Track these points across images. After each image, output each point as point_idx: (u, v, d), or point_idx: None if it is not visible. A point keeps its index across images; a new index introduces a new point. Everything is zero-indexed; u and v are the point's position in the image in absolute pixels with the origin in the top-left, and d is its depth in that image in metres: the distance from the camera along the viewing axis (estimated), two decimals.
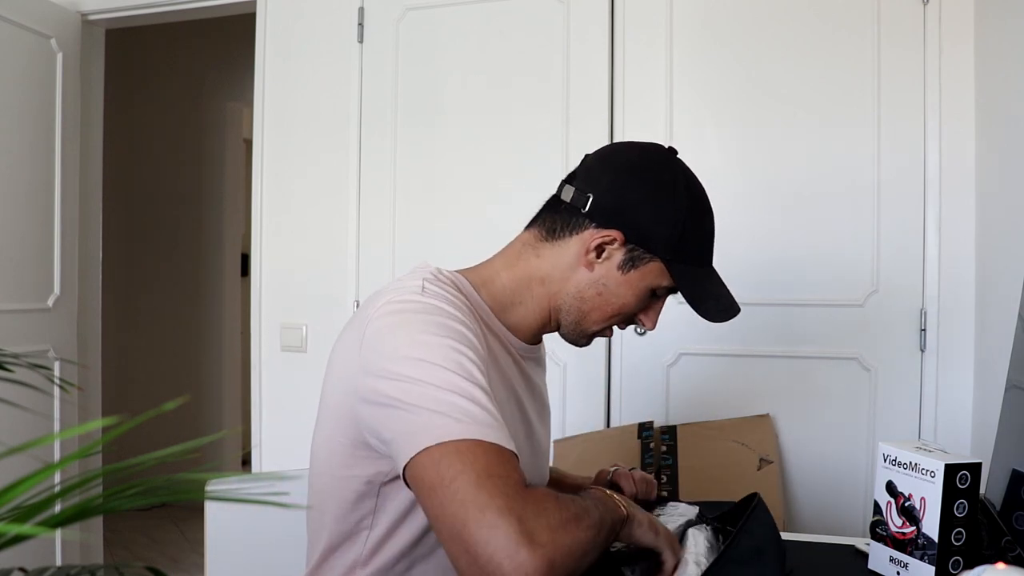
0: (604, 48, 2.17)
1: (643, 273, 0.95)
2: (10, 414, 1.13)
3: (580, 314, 0.97)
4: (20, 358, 0.67)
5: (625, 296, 0.96)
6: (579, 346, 1.02)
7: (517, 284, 0.98)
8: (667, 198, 0.93)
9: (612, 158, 0.98)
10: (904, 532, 0.97)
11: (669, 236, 0.93)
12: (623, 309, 0.97)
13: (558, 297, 0.97)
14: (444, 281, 0.92)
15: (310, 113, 2.42)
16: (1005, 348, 1.22)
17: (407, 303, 0.85)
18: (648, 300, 0.98)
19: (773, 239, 2.05)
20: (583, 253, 0.95)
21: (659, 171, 0.95)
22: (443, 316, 0.84)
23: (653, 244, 0.93)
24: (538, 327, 1.00)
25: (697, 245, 0.96)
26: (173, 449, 0.38)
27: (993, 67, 1.84)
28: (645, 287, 0.95)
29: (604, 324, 0.98)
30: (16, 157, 2.39)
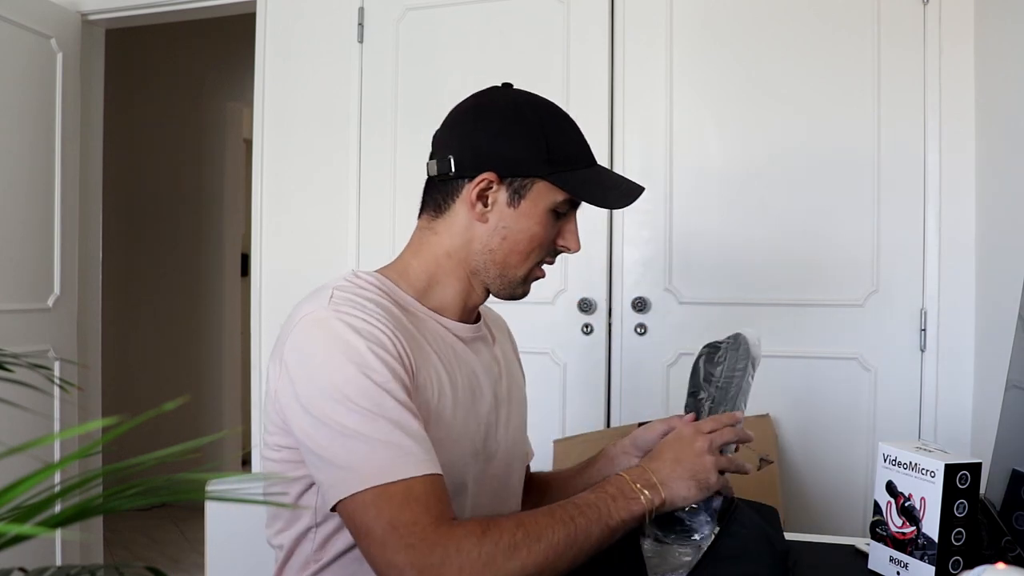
0: (604, 48, 2.17)
1: (533, 199, 0.94)
2: (10, 414, 1.13)
3: (498, 266, 0.96)
4: (20, 358, 0.67)
5: (529, 227, 0.95)
6: (519, 297, 1.00)
7: (427, 266, 0.98)
8: (516, 121, 0.94)
9: (452, 117, 1.00)
10: (904, 532, 0.97)
11: (536, 152, 0.93)
12: (535, 241, 0.95)
13: (469, 262, 0.97)
14: (360, 284, 0.92)
15: (310, 113, 2.42)
16: (1005, 348, 1.21)
17: (318, 323, 0.85)
18: (554, 223, 0.96)
19: (773, 239, 2.05)
20: (471, 209, 0.95)
21: (498, 104, 0.96)
22: (351, 332, 0.84)
23: (526, 167, 0.93)
24: (463, 301, 0.99)
25: (567, 149, 0.95)
26: (173, 449, 0.38)
27: (993, 67, 1.84)
28: (543, 210, 0.94)
29: (527, 263, 0.97)
30: (16, 157, 2.39)
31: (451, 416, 0.91)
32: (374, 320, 0.86)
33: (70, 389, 2.17)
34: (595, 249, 2.15)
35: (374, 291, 0.91)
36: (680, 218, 2.11)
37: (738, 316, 2.05)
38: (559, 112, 0.97)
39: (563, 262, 2.17)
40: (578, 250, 0.99)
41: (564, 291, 2.17)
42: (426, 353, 0.90)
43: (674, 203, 2.12)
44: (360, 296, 0.89)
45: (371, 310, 0.87)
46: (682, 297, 2.10)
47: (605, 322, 2.16)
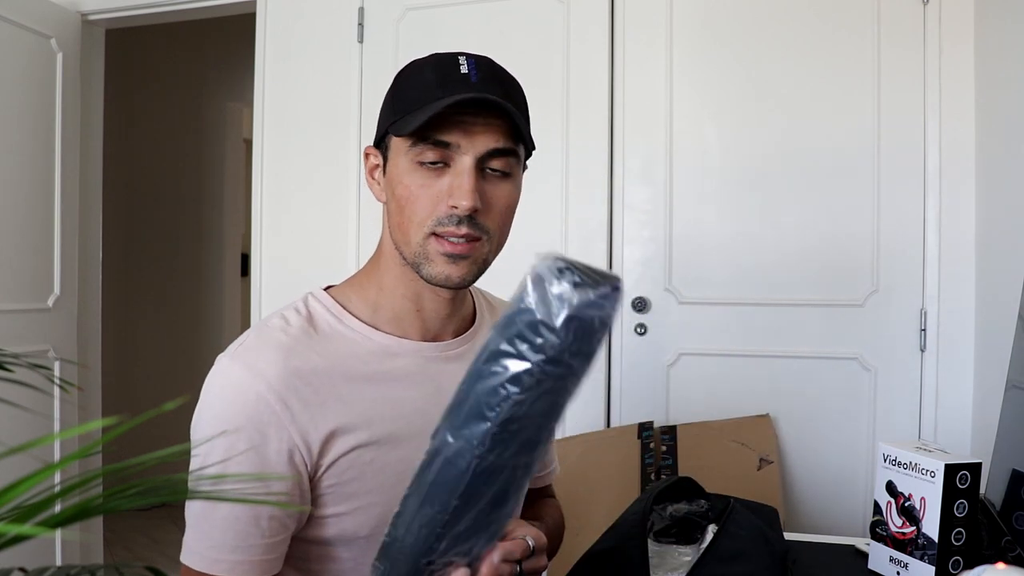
0: (604, 48, 2.17)
1: (394, 159, 0.85)
2: (10, 414, 1.13)
3: (400, 245, 0.85)
4: (20, 358, 0.66)
5: (396, 191, 0.83)
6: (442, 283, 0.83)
7: (372, 269, 0.91)
8: (390, 86, 0.87)
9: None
10: (904, 532, 0.97)
11: (385, 109, 0.86)
12: (405, 204, 0.83)
13: (394, 252, 0.86)
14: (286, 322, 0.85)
15: (310, 113, 2.42)
16: (1005, 348, 1.21)
17: (215, 369, 0.82)
18: (427, 179, 0.82)
19: (773, 239, 2.05)
20: (371, 189, 0.90)
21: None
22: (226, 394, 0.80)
23: (381, 127, 0.86)
24: (415, 304, 0.88)
25: (413, 94, 0.82)
26: (173, 449, 0.38)
27: (993, 67, 1.84)
28: (405, 169, 0.82)
29: (416, 234, 0.82)
30: (16, 157, 2.39)
31: (383, 455, 0.84)
32: (263, 381, 0.79)
33: (70, 389, 2.16)
34: (595, 249, 2.15)
35: (297, 335, 0.83)
36: (680, 218, 2.11)
37: (738, 316, 2.05)
38: (432, 58, 0.85)
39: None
40: (469, 206, 0.80)
41: None
42: (347, 399, 0.83)
43: (674, 203, 2.12)
44: (271, 345, 0.82)
45: (270, 365, 0.80)
46: (682, 297, 2.10)
47: None
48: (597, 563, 0.89)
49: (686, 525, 0.98)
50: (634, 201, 2.15)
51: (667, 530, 0.98)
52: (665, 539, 0.97)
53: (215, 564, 0.79)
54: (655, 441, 2.00)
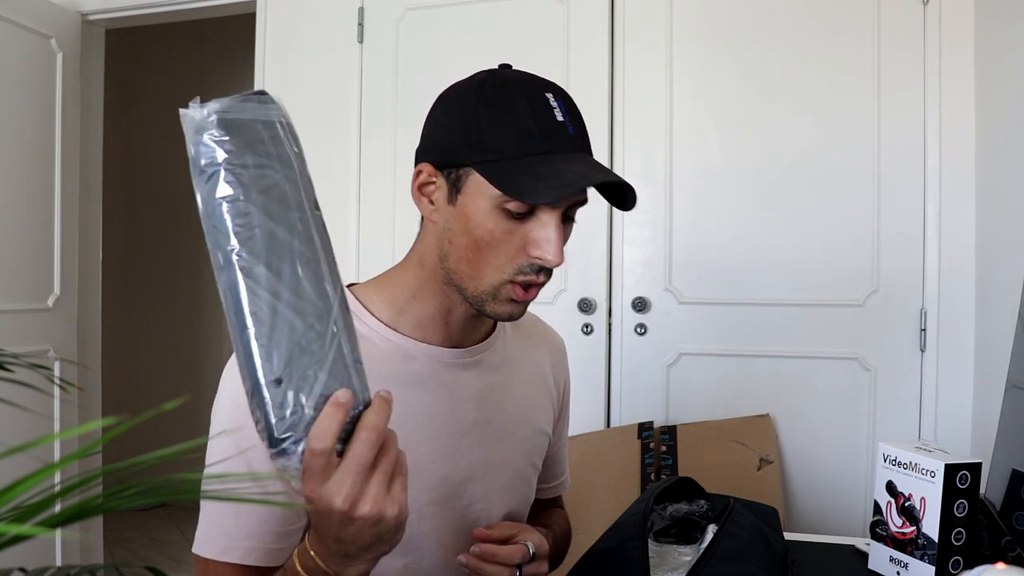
0: (604, 48, 2.17)
1: (470, 194, 0.79)
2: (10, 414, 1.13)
3: (457, 277, 0.82)
4: (20, 358, 0.66)
5: (472, 231, 0.79)
6: (499, 318, 0.83)
7: (406, 277, 0.88)
8: (459, 102, 0.81)
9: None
10: (904, 532, 0.97)
11: (464, 137, 0.79)
12: (481, 247, 0.79)
13: (438, 271, 0.84)
14: None
15: (310, 113, 2.42)
16: (1005, 348, 1.22)
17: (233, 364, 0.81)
18: (509, 224, 0.78)
19: (773, 239, 2.05)
20: (420, 208, 0.84)
21: (458, 86, 0.84)
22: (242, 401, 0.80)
23: (454, 155, 0.79)
24: (444, 318, 0.87)
25: (506, 133, 0.77)
26: (173, 449, 0.38)
27: (993, 67, 1.84)
28: (485, 209, 0.78)
29: (488, 277, 0.80)
30: (16, 157, 2.39)
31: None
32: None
33: (70, 389, 2.16)
34: (595, 249, 2.15)
35: None
36: (680, 218, 2.12)
37: (738, 316, 2.05)
38: (524, 90, 0.80)
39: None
40: (557, 262, 0.78)
41: (564, 291, 2.17)
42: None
43: (674, 203, 2.12)
44: None
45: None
46: (682, 297, 2.10)
47: (605, 322, 2.16)
48: (597, 563, 0.89)
49: (686, 525, 0.98)
50: None
51: (667, 530, 0.98)
52: (665, 539, 0.98)
53: (227, 551, 0.79)
54: (655, 441, 2.00)
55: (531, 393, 0.98)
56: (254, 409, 0.58)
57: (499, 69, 0.87)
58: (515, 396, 0.95)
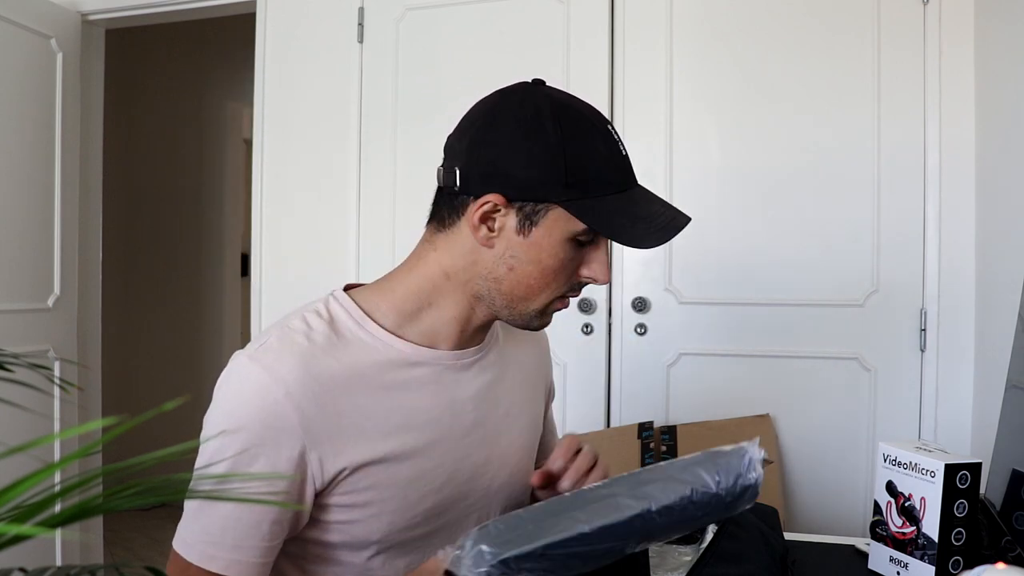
0: (604, 48, 2.17)
1: (547, 227, 0.81)
2: (10, 414, 1.13)
3: (506, 297, 0.85)
4: (20, 358, 0.66)
5: (542, 260, 0.82)
6: (533, 328, 0.89)
7: (420, 286, 0.87)
8: (533, 135, 0.80)
9: (466, 120, 0.86)
10: (904, 532, 0.97)
11: (552, 174, 0.79)
12: (548, 275, 0.83)
13: (471, 286, 0.86)
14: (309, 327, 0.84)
15: (310, 113, 2.42)
16: (1005, 348, 1.22)
17: (232, 367, 0.82)
18: (574, 253, 0.83)
19: (773, 239, 2.05)
20: (475, 233, 0.83)
21: (517, 111, 0.82)
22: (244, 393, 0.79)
23: (539, 191, 0.80)
24: (461, 326, 0.88)
25: (592, 171, 0.80)
26: (173, 449, 0.38)
27: (993, 67, 1.84)
28: (558, 241, 0.82)
29: (542, 298, 0.85)
30: (16, 157, 2.39)
31: (394, 464, 0.84)
32: (282, 385, 0.78)
33: (70, 389, 2.16)
34: None
35: (320, 341, 0.82)
36: None
37: (738, 316, 2.06)
38: (592, 123, 0.82)
39: None
40: (607, 281, 0.87)
41: None
42: (362, 408, 0.82)
43: (674, 203, 2.10)
44: (292, 350, 0.81)
45: (290, 371, 0.79)
46: (682, 297, 2.10)
47: (605, 322, 2.16)
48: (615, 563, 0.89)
49: None
50: None
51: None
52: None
53: (211, 560, 0.79)
54: (655, 441, 2.00)
55: (522, 388, 1.00)
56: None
57: (547, 88, 0.86)
58: (509, 393, 0.96)
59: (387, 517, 0.85)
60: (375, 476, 0.83)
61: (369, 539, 0.86)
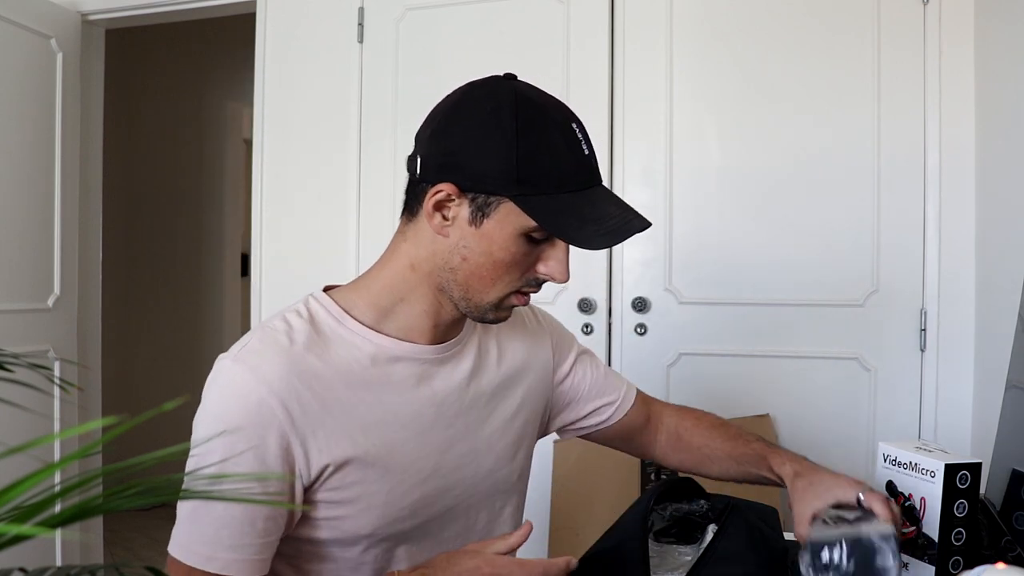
0: (604, 48, 2.17)
1: (499, 220, 0.81)
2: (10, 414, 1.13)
3: (460, 288, 0.86)
4: (20, 358, 0.66)
5: (493, 252, 0.82)
6: (488, 322, 0.90)
7: (393, 280, 0.89)
8: (490, 128, 0.80)
9: (434, 110, 0.88)
10: (904, 532, 0.97)
11: (504, 167, 0.79)
12: (500, 268, 0.83)
13: (434, 277, 0.87)
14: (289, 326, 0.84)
15: (310, 113, 2.42)
16: (1005, 348, 1.22)
17: (217, 371, 0.82)
18: (528, 248, 0.83)
19: (773, 239, 2.05)
20: (430, 220, 0.84)
21: (479, 102, 0.83)
22: (231, 394, 0.80)
23: (490, 183, 0.80)
24: (433, 320, 0.89)
25: (546, 168, 0.80)
26: (173, 449, 0.38)
27: (993, 67, 1.84)
28: (510, 234, 0.82)
29: (496, 291, 0.85)
30: (16, 157, 2.39)
31: (380, 458, 0.85)
32: (265, 385, 0.79)
33: (70, 389, 2.16)
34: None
35: (300, 339, 0.83)
36: (680, 218, 2.11)
37: (738, 316, 2.05)
38: (552, 119, 0.82)
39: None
40: (565, 280, 0.86)
41: (564, 291, 2.17)
42: (346, 404, 0.83)
43: (674, 203, 2.12)
44: (274, 349, 0.82)
45: (272, 369, 0.80)
46: (682, 297, 2.10)
47: (605, 322, 2.16)
48: (597, 563, 0.89)
49: (686, 525, 0.98)
50: (634, 201, 2.11)
51: (667, 530, 0.98)
52: (665, 539, 0.98)
53: (209, 561, 0.79)
54: None
55: (509, 375, 1.00)
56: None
57: (516, 83, 0.87)
58: (492, 381, 0.97)
59: (375, 511, 0.86)
60: (360, 471, 0.84)
61: (359, 534, 0.86)
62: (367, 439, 0.84)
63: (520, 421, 1.02)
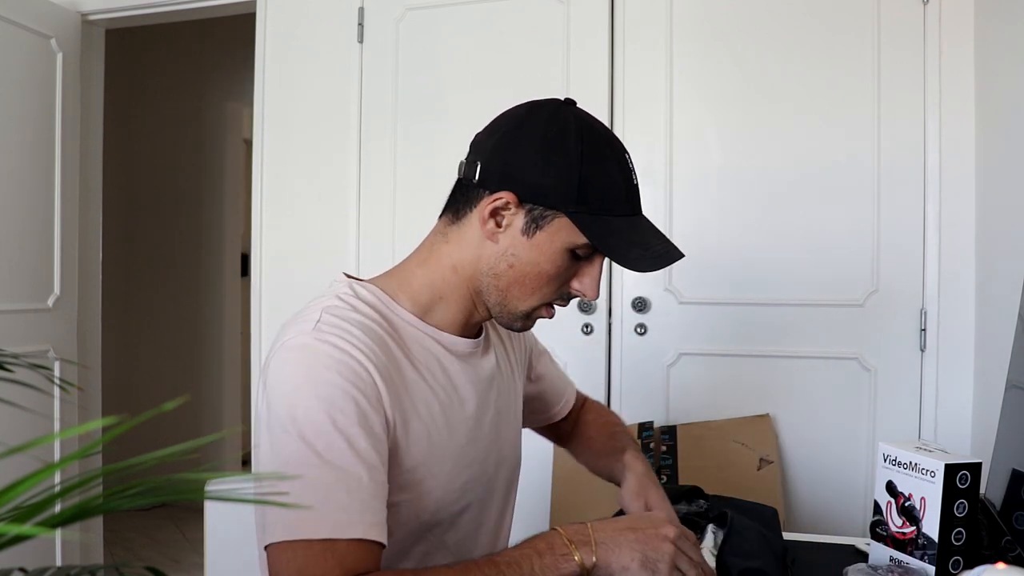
0: (604, 49, 2.17)
1: (551, 233, 0.86)
2: (10, 414, 1.13)
3: (500, 293, 0.90)
4: (20, 358, 0.67)
5: (540, 263, 0.87)
6: (515, 330, 0.94)
7: (433, 279, 0.92)
8: (556, 147, 0.85)
9: (498, 121, 0.92)
10: (904, 532, 0.97)
11: (566, 186, 0.84)
12: (542, 277, 0.88)
13: (475, 280, 0.91)
14: (352, 306, 0.86)
15: (310, 113, 2.42)
16: (1005, 348, 1.22)
17: (298, 349, 0.82)
18: (571, 263, 0.88)
19: (773, 239, 2.05)
20: (483, 225, 0.88)
21: (546, 122, 0.88)
22: (328, 366, 0.80)
23: (550, 198, 0.85)
24: (466, 319, 0.94)
25: (602, 191, 0.85)
26: (173, 449, 0.38)
27: (993, 67, 1.84)
28: (558, 248, 0.87)
29: (532, 300, 0.90)
30: (16, 157, 2.39)
31: (442, 439, 0.89)
32: (358, 353, 0.81)
33: (70, 389, 2.16)
34: None
35: (368, 313, 0.87)
36: (680, 218, 2.11)
37: (738, 316, 2.05)
38: (607, 151, 0.87)
39: None
40: (595, 298, 0.92)
41: None
42: (414, 382, 0.87)
43: (674, 203, 2.12)
44: (349, 321, 0.84)
45: (357, 339, 0.82)
46: (682, 297, 2.10)
47: (605, 322, 2.16)
48: None
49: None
50: None
51: None
52: None
53: (348, 527, 0.76)
54: (655, 441, 2.00)
55: (508, 367, 1.06)
56: None
57: (577, 109, 0.91)
58: (505, 377, 1.04)
59: (435, 494, 0.88)
60: (424, 449, 0.87)
61: (420, 517, 0.88)
62: (431, 419, 0.88)
63: (520, 406, 1.10)
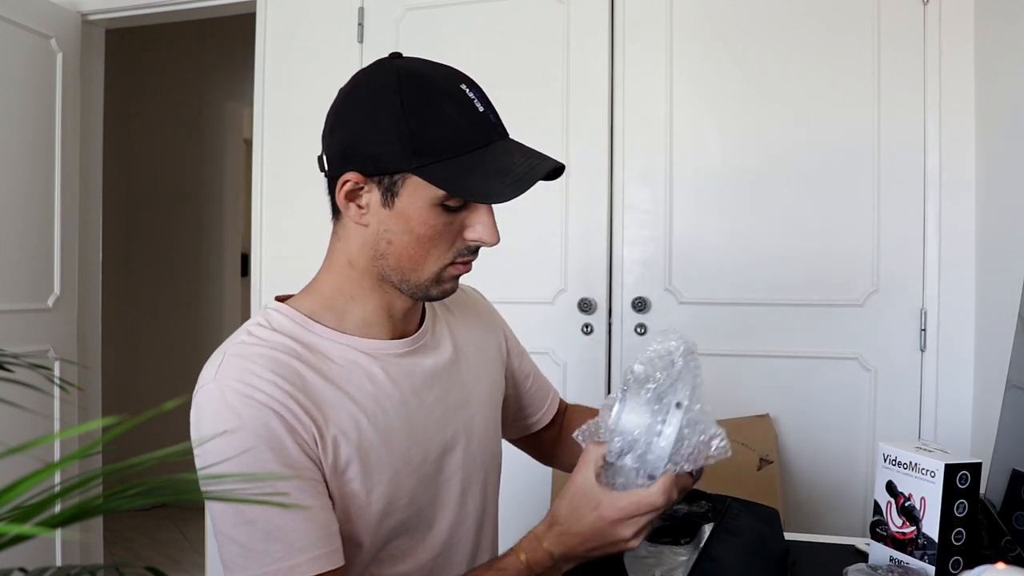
0: (604, 48, 2.17)
1: (409, 196, 0.81)
2: (10, 414, 1.13)
3: (395, 271, 0.85)
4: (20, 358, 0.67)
5: (414, 229, 0.82)
6: (435, 298, 0.89)
7: (339, 281, 0.89)
8: (378, 108, 0.80)
9: (330, 106, 0.88)
10: (904, 532, 0.97)
11: (398, 144, 0.79)
12: (426, 243, 0.83)
13: (371, 269, 0.87)
14: (260, 339, 0.84)
15: (310, 113, 2.40)
16: (1005, 348, 1.22)
17: (204, 398, 0.80)
18: (449, 217, 0.82)
19: (773, 239, 2.05)
20: (346, 212, 0.85)
21: (365, 88, 0.84)
22: (231, 408, 0.78)
23: (390, 162, 0.80)
24: (387, 313, 0.89)
25: (440, 135, 0.79)
26: (173, 449, 0.38)
27: (993, 67, 1.84)
28: (423, 208, 0.81)
29: (430, 267, 0.85)
30: (16, 157, 2.39)
31: (377, 452, 0.85)
32: (262, 388, 0.78)
33: (70, 389, 2.16)
34: (595, 249, 2.15)
35: (278, 342, 0.83)
36: (680, 218, 2.11)
37: (738, 316, 2.05)
38: (436, 88, 0.81)
39: (563, 262, 2.17)
40: (495, 242, 0.84)
41: (564, 291, 2.17)
42: (335, 401, 0.83)
43: (674, 203, 2.12)
44: (252, 358, 0.81)
45: (261, 375, 0.79)
46: (682, 297, 2.10)
47: (605, 322, 2.16)
48: (597, 562, 0.89)
49: (684, 525, 0.98)
50: (634, 201, 2.15)
51: (666, 530, 0.98)
52: (664, 539, 0.98)
53: (292, 571, 0.76)
54: None
55: (476, 358, 1.02)
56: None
57: (400, 60, 0.86)
58: (465, 366, 0.99)
59: (380, 504, 0.86)
60: (358, 463, 0.84)
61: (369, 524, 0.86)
62: (359, 433, 0.84)
63: (498, 397, 1.05)
